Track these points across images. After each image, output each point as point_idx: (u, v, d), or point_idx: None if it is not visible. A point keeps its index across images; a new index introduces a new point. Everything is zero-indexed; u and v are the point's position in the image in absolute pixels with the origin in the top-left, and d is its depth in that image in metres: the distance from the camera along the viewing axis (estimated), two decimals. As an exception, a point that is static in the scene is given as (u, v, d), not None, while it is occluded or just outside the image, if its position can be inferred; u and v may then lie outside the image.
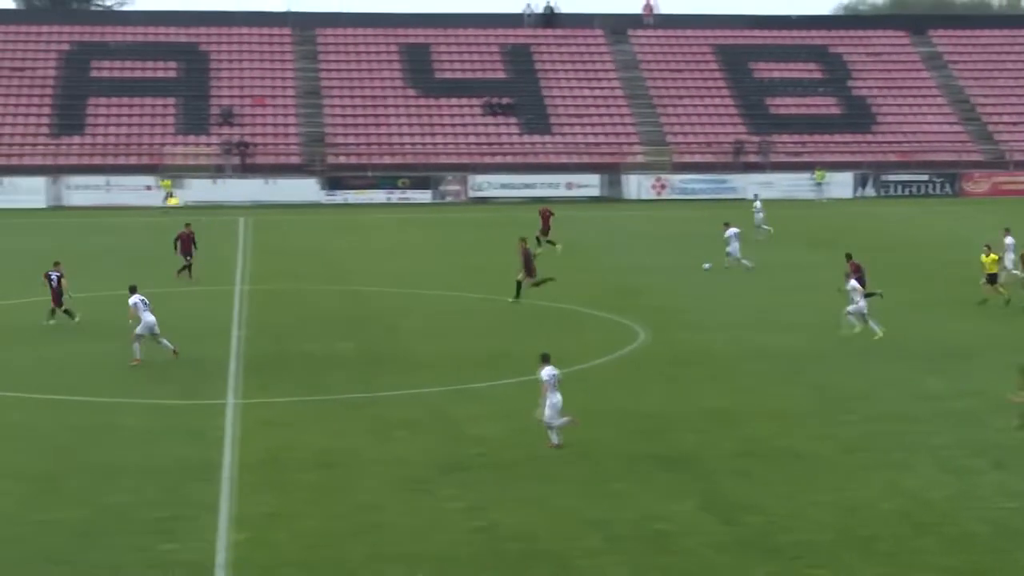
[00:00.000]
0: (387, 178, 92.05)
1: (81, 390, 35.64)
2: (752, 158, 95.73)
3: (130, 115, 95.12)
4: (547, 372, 29.63)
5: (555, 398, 29.61)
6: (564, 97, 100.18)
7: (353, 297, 51.12)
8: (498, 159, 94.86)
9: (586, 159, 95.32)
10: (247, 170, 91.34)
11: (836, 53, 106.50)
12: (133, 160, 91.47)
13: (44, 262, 57.18)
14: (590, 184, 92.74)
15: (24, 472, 28.35)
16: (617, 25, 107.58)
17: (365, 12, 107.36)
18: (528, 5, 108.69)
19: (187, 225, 55.96)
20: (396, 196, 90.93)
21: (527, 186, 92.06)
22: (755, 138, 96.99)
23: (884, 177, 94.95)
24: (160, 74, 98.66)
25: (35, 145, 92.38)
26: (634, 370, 38.38)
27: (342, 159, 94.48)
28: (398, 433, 31.40)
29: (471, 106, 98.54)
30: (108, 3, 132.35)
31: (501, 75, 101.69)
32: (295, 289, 52.33)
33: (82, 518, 25.41)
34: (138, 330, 38.24)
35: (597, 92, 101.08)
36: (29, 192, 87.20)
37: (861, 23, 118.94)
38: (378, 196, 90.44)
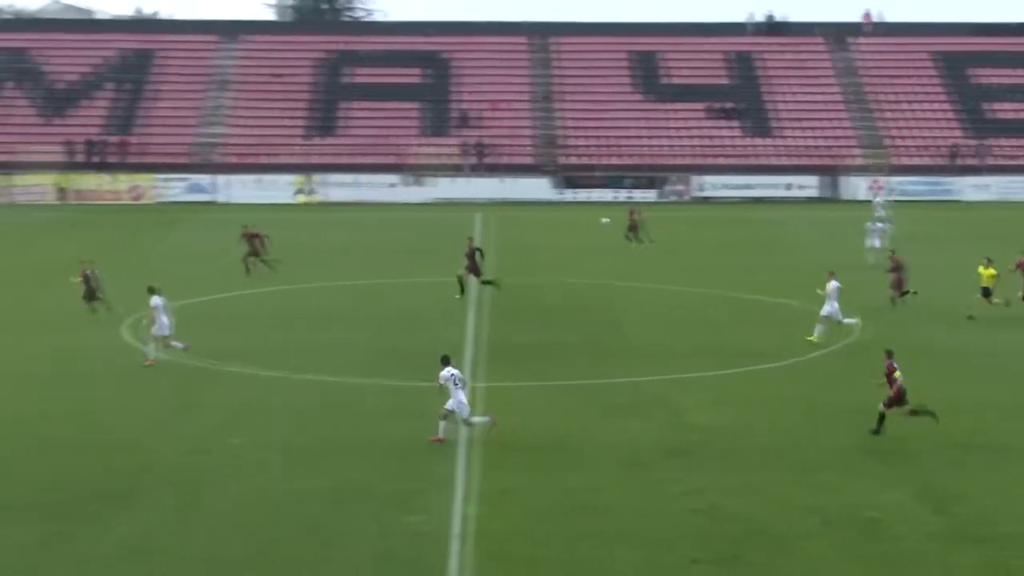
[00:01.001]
0: (615, 178, 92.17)
1: (332, 371, 36.45)
2: (969, 161, 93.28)
3: (378, 118, 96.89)
4: (447, 372, 29.14)
5: (459, 396, 29.06)
6: (785, 102, 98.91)
7: (581, 290, 51.30)
8: (720, 161, 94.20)
9: (805, 161, 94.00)
10: (484, 169, 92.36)
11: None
12: (380, 159, 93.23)
13: (299, 253, 58.82)
14: (808, 185, 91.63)
15: (285, 445, 29.19)
16: (837, 33, 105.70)
17: (597, 22, 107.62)
18: (751, 14, 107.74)
19: (245, 227, 55.56)
20: (623, 195, 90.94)
21: (748, 187, 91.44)
22: (972, 142, 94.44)
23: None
24: (406, 80, 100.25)
25: (291, 145, 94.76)
26: (848, 363, 37.75)
27: (573, 160, 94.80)
28: (623, 418, 31.44)
29: (696, 110, 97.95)
30: (359, 15, 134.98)
31: (725, 81, 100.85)
32: (527, 281, 52.73)
33: (332, 489, 26.05)
34: (154, 331, 37.35)
35: (817, 97, 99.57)
36: (286, 188, 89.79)
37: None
38: (606, 195, 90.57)
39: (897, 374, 29.62)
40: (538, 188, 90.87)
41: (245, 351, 38.89)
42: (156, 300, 37.31)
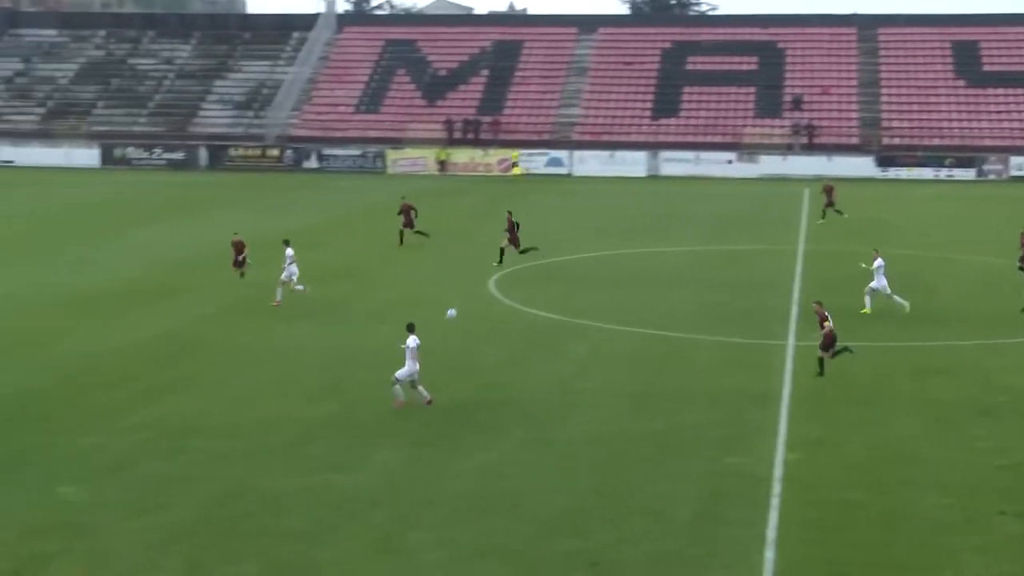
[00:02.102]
0: (934, 158, 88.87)
1: (669, 327, 36.53)
2: None
3: (716, 101, 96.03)
4: (413, 340, 27.35)
5: (414, 367, 27.29)
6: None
7: (897, 259, 49.65)
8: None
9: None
10: (812, 148, 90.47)
11: None
12: (717, 139, 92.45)
13: (642, 221, 59.00)
14: None
15: (627, 390, 29.42)
16: None
17: (921, 13, 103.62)
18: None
19: (403, 198, 54.30)
20: (942, 174, 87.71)
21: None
22: None
23: None
24: (742, 67, 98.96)
25: (639, 125, 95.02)
26: None
27: (895, 140, 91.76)
28: (934, 378, 30.43)
29: (1015, 95, 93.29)
30: (702, 8, 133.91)
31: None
32: (848, 251, 51.46)
33: (665, 431, 26.18)
34: (283, 277, 39.19)
35: None
36: (633, 164, 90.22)
37: None
38: (925, 173, 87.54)
39: (828, 323, 29.73)
40: (861, 166, 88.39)
41: (594, 307, 39.35)
42: (289, 251, 39.60)
